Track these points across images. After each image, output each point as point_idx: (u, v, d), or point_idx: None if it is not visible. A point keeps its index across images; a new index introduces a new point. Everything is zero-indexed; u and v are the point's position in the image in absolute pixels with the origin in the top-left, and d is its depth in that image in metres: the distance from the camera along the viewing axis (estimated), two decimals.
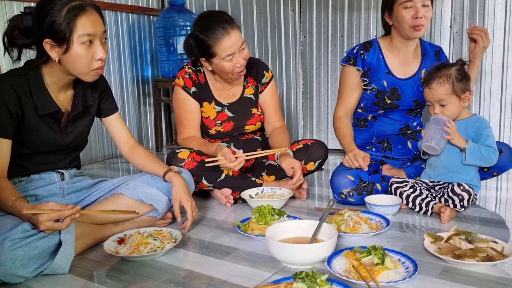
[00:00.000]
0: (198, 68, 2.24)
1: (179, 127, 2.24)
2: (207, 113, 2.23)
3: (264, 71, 2.33)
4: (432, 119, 1.91)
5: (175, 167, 1.86)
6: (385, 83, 2.15)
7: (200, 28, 2.03)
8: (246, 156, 1.98)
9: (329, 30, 3.32)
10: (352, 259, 1.35)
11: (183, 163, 2.03)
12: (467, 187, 1.83)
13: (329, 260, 1.39)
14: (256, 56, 3.63)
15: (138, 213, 1.69)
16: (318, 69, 3.43)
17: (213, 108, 2.23)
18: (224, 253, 1.60)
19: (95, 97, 1.78)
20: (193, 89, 2.20)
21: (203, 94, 2.22)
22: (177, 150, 2.08)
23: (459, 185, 1.84)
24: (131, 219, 1.77)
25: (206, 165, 1.96)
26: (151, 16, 3.79)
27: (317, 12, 3.35)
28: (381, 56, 2.17)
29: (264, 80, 2.32)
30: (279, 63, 3.58)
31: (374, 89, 2.16)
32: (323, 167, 2.86)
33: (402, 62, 2.18)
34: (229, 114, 2.24)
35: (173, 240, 1.62)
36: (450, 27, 2.92)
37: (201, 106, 2.23)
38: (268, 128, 2.35)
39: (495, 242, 1.46)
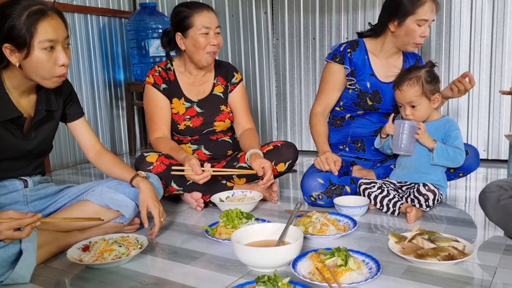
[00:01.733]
0: (168, 67, 2.27)
1: (150, 124, 2.24)
2: (177, 109, 2.24)
3: (234, 72, 2.37)
4: (397, 124, 1.92)
5: (143, 172, 1.84)
6: (368, 85, 2.17)
7: (183, 4, 2.17)
8: (213, 171, 1.99)
9: (301, 32, 3.34)
10: (316, 261, 1.36)
11: (151, 167, 2.02)
12: (432, 187, 1.86)
13: (294, 262, 1.40)
14: (229, 58, 3.63)
15: (103, 220, 1.66)
16: (291, 71, 3.45)
17: (183, 104, 2.24)
18: (192, 258, 1.59)
19: (59, 102, 1.75)
20: (163, 85, 2.21)
21: (172, 91, 2.24)
22: (145, 154, 2.07)
23: (424, 185, 1.87)
24: (97, 226, 1.74)
25: (172, 173, 1.95)
26: (122, 19, 3.75)
27: (289, 14, 3.37)
28: (366, 57, 2.19)
29: (234, 80, 2.35)
30: (252, 65, 3.58)
31: (356, 89, 2.18)
32: (295, 168, 2.90)
33: (385, 65, 2.20)
34: (198, 110, 2.25)
35: (139, 246, 1.60)
36: None
37: (171, 102, 2.23)
38: (238, 129, 2.36)
39: (457, 241, 1.49)
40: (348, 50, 2.17)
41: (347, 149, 2.28)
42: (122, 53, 3.79)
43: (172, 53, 2.30)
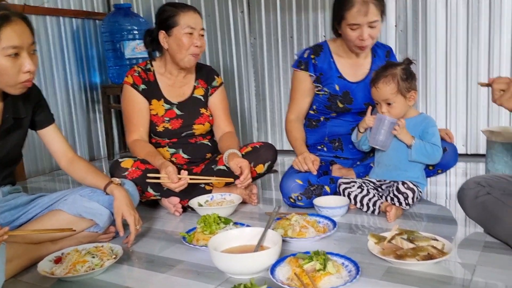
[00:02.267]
0: (148, 67, 2.22)
1: (128, 126, 2.19)
2: (156, 110, 2.19)
3: (215, 76, 2.34)
4: (379, 118, 1.92)
5: (117, 179, 1.79)
6: (337, 87, 2.15)
7: (169, 3, 2.15)
8: (190, 179, 1.95)
9: (278, 31, 3.32)
10: (295, 266, 1.33)
11: (126, 173, 1.97)
12: (411, 185, 1.85)
13: (273, 268, 1.37)
14: (207, 59, 3.59)
15: (75, 230, 1.61)
16: (269, 70, 3.42)
17: (162, 105, 2.19)
18: (169, 267, 1.54)
19: (27, 109, 1.69)
20: (142, 86, 2.17)
21: (152, 92, 2.19)
22: (120, 160, 2.01)
23: (403, 183, 1.86)
24: (70, 236, 1.69)
25: (147, 180, 1.91)
26: (96, 21, 3.67)
27: (266, 13, 3.34)
28: (332, 59, 2.16)
29: (214, 83, 2.31)
30: (230, 65, 3.54)
31: (326, 93, 2.16)
32: (276, 169, 2.87)
33: (352, 65, 2.17)
34: (178, 112, 2.21)
35: (114, 256, 1.55)
36: (395, 26, 2.97)
37: (150, 104, 2.19)
38: (218, 133, 2.32)
39: (436, 240, 1.48)
40: (312, 56, 2.15)
41: (325, 149, 2.26)
42: (98, 55, 3.72)
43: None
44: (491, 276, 1.32)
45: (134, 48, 3.33)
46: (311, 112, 2.27)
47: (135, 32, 3.35)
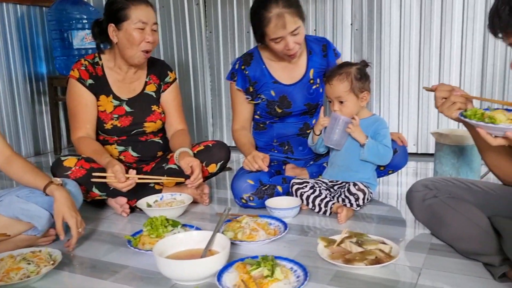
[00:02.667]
0: (96, 61, 2.10)
1: (73, 122, 2.07)
2: (104, 107, 2.08)
3: (168, 71, 2.24)
4: (333, 117, 1.91)
5: (58, 179, 1.68)
6: (273, 93, 2.12)
7: None
8: (139, 178, 1.88)
9: (235, 26, 3.26)
10: (242, 272, 1.30)
11: (69, 172, 1.86)
12: (362, 186, 1.86)
13: (220, 274, 1.33)
14: (161, 52, 3.49)
15: (9, 235, 1.50)
16: (226, 65, 3.36)
17: (111, 101, 2.09)
18: (112, 273, 1.47)
19: None
20: (90, 81, 2.05)
21: (100, 87, 2.08)
22: (63, 158, 1.91)
23: (354, 184, 1.87)
24: (5, 240, 1.58)
25: (92, 179, 1.81)
26: (43, 8, 3.47)
27: (222, 7, 3.27)
28: (264, 66, 2.13)
29: (167, 79, 2.22)
30: (185, 59, 3.45)
31: (264, 100, 2.13)
32: (230, 167, 2.83)
33: (287, 68, 2.14)
34: (127, 109, 2.11)
35: (52, 262, 1.46)
36: (351, 24, 2.98)
37: (98, 99, 2.08)
38: (170, 130, 2.24)
39: (384, 243, 1.48)
40: (243, 67, 2.12)
41: (275, 151, 2.24)
42: (44, 44, 3.52)
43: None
44: (436, 279, 1.34)
45: (83, 38, 3.18)
46: (256, 117, 2.25)
47: (85, 21, 3.19)
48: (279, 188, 2.03)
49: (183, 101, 3.27)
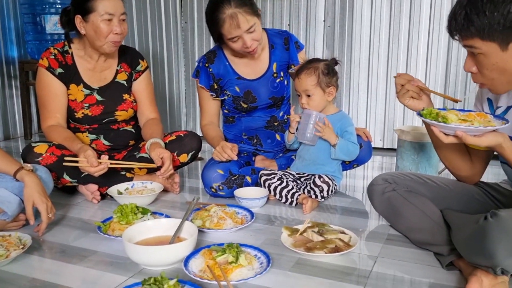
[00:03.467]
0: (65, 49, 2.09)
1: (43, 112, 2.07)
2: (74, 96, 2.08)
3: (140, 59, 2.25)
4: (306, 113, 1.97)
5: (28, 165, 1.70)
6: (237, 89, 2.17)
7: None
8: (111, 163, 1.90)
9: None
10: (208, 259, 1.36)
11: (40, 158, 1.88)
12: (326, 179, 1.94)
13: (187, 260, 1.39)
14: (136, 41, 3.48)
15: None
16: (200, 55, 3.37)
17: (81, 90, 2.09)
18: (81, 257, 1.51)
19: None
20: (59, 70, 2.05)
21: (70, 76, 2.07)
22: (33, 144, 1.92)
23: (319, 177, 1.95)
24: None
25: (64, 163, 1.83)
26: None
27: None
28: (227, 63, 2.18)
29: (139, 68, 2.23)
30: (160, 48, 3.46)
31: (229, 96, 2.18)
32: (201, 157, 2.87)
33: (250, 63, 2.18)
34: (98, 97, 2.12)
35: (22, 246, 1.49)
36: (324, 21, 3.05)
37: (68, 88, 2.08)
38: (142, 119, 2.27)
39: (344, 233, 1.57)
40: (206, 65, 2.17)
41: (245, 144, 2.30)
42: (16, 28, 3.46)
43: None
44: (389, 266, 1.43)
45: (56, 23, 3.14)
46: (225, 111, 2.30)
47: (58, 6, 3.15)
48: (248, 179, 2.09)
49: (157, 90, 3.30)
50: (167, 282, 1.15)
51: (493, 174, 2.34)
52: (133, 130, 2.26)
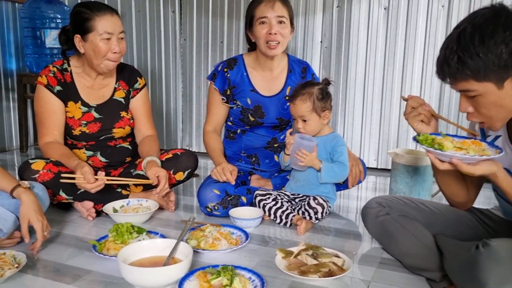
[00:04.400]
0: (64, 67, 2.11)
1: (40, 128, 2.07)
2: (72, 113, 2.10)
3: (138, 77, 2.27)
4: (296, 142, 1.98)
5: (26, 182, 1.71)
6: (249, 101, 2.20)
7: (82, 4, 2.01)
8: (107, 180, 1.91)
9: (209, 35, 3.33)
10: (203, 281, 1.37)
11: (37, 175, 1.88)
12: (321, 201, 1.96)
13: (181, 281, 1.39)
14: (135, 56, 3.51)
15: None
16: (198, 72, 3.42)
17: (79, 108, 2.11)
18: (75, 277, 1.51)
19: None
20: (58, 88, 2.06)
21: (68, 94, 2.09)
22: (31, 161, 1.92)
23: (314, 198, 1.96)
24: None
25: (61, 180, 1.84)
26: (16, 4, 3.44)
27: (198, 16, 3.33)
28: (245, 73, 2.21)
29: (136, 85, 2.25)
30: (158, 64, 3.49)
31: (239, 106, 2.21)
32: (197, 173, 2.89)
33: (267, 79, 2.23)
34: (96, 115, 2.13)
35: (16, 265, 1.49)
36: (321, 42, 3.10)
37: (66, 106, 2.09)
38: (139, 136, 2.28)
39: (338, 257, 1.59)
40: (225, 70, 2.20)
41: (242, 161, 2.33)
42: (15, 41, 3.48)
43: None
44: None
45: (56, 38, 3.16)
46: (229, 123, 2.33)
47: (58, 20, 3.19)
48: (243, 199, 2.11)
49: (154, 106, 3.32)
50: None
51: (484, 197, 2.37)
52: (129, 147, 2.27)
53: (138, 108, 2.25)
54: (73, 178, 1.84)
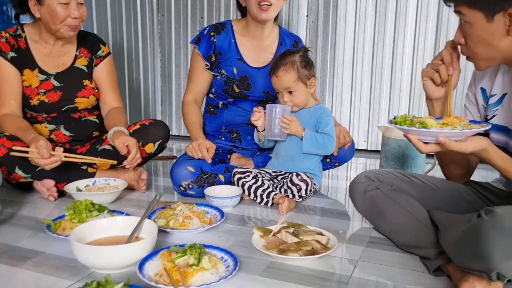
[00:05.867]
0: (18, 33, 1.93)
1: None
2: (29, 82, 1.92)
3: (101, 45, 2.10)
4: (269, 109, 1.84)
5: None
6: (235, 70, 2.03)
7: None
8: (65, 157, 1.73)
9: (188, 10, 3.14)
10: (166, 261, 1.20)
11: None
12: (305, 177, 1.80)
13: (142, 262, 1.21)
14: (110, 34, 3.31)
15: None
16: (177, 50, 3.23)
17: (36, 76, 1.93)
18: (24, 259, 1.33)
19: None
20: (11, 54, 1.89)
21: (24, 61, 1.92)
22: None
23: (297, 175, 1.80)
24: None
25: (11, 153, 1.65)
26: None
27: None
28: (233, 40, 2.04)
29: (100, 53, 2.08)
30: (135, 42, 3.30)
31: (224, 75, 2.03)
32: (175, 155, 2.71)
33: (255, 49, 2.06)
34: (56, 83, 1.96)
35: None
36: (307, 16, 2.93)
37: (22, 74, 1.92)
38: (104, 108, 2.10)
39: (321, 234, 1.42)
40: (211, 34, 2.03)
41: (223, 138, 2.15)
42: None
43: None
44: (371, 271, 1.29)
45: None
46: (211, 95, 2.15)
47: None
48: (221, 177, 1.93)
49: (131, 86, 3.13)
50: (112, 286, 0.98)
51: (480, 177, 2.22)
52: (96, 120, 2.09)
53: (102, 78, 2.08)
54: (26, 152, 1.66)
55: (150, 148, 2.00)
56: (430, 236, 1.31)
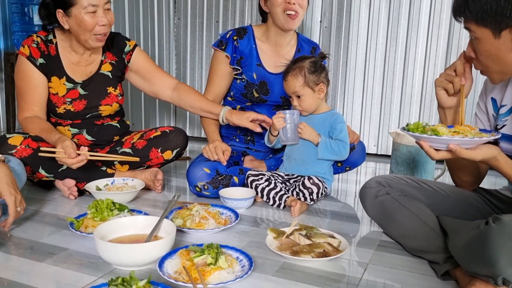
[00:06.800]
0: (49, 38, 1.97)
1: (20, 103, 1.95)
2: (56, 89, 1.97)
3: (126, 41, 2.12)
4: (288, 115, 1.90)
5: (0, 155, 1.59)
6: (254, 76, 2.08)
7: None
8: (90, 155, 1.79)
9: (204, 14, 3.20)
10: (185, 259, 1.26)
11: (14, 151, 1.76)
12: (316, 181, 1.85)
13: (162, 260, 1.28)
14: (127, 35, 3.37)
15: None
16: (192, 53, 3.29)
17: (63, 84, 1.97)
18: (49, 255, 1.40)
19: None
20: (41, 60, 1.93)
21: (52, 68, 1.95)
22: (8, 136, 1.80)
23: (309, 178, 1.85)
24: None
25: (40, 154, 1.72)
26: None
27: None
28: (254, 46, 2.09)
29: (127, 48, 2.11)
30: (151, 44, 3.37)
31: (244, 80, 2.09)
32: (189, 156, 2.77)
33: (274, 55, 2.11)
34: (82, 91, 2.00)
35: None
36: (320, 21, 2.97)
37: (49, 81, 1.96)
38: (164, 89, 2.14)
39: (333, 237, 1.47)
40: (234, 38, 2.07)
41: (237, 140, 2.21)
42: (3, 18, 3.35)
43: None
44: (380, 274, 1.33)
45: None
46: (229, 98, 2.20)
47: None
48: (235, 179, 1.99)
49: None
50: (136, 283, 1.04)
51: (489, 183, 2.25)
52: (118, 125, 2.15)
53: (142, 64, 2.13)
54: (53, 152, 1.72)
55: (168, 155, 2.06)
56: (439, 241, 1.35)
